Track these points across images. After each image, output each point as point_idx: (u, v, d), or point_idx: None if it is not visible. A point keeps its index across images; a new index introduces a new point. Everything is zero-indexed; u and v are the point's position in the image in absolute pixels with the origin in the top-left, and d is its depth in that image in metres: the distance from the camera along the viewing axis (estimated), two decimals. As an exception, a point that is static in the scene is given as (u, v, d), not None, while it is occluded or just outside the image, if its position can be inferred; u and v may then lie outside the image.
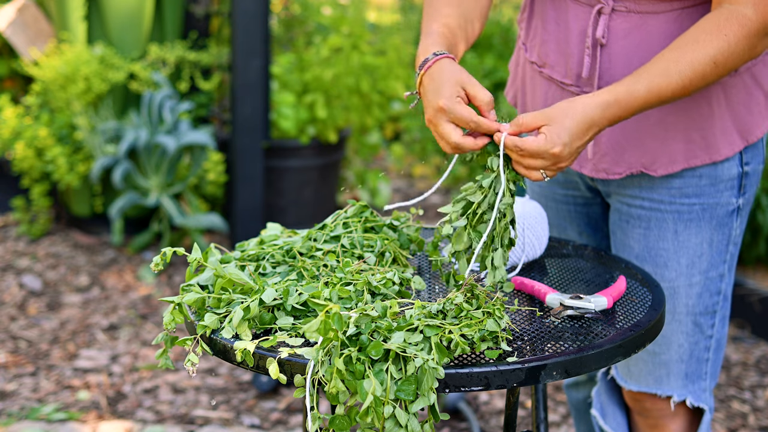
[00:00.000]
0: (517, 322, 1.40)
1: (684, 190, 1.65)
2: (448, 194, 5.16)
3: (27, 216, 4.29)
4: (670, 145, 1.62)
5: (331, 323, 1.20)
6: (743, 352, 3.24)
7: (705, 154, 1.62)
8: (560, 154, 1.40)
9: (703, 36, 1.44)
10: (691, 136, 1.61)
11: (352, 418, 1.21)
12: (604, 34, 1.58)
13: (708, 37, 1.43)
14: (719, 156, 1.62)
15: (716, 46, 1.43)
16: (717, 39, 1.43)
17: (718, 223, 1.67)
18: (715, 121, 1.61)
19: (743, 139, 1.63)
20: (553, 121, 1.40)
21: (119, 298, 3.66)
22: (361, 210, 1.63)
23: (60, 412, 2.81)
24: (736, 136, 1.62)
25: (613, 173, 1.67)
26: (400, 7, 7.00)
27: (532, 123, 1.41)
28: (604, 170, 1.67)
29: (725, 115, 1.61)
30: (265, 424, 2.78)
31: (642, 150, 1.63)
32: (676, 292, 1.70)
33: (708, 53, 1.43)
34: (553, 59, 1.67)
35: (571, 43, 1.63)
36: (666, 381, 1.75)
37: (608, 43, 1.58)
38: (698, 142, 1.61)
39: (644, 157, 1.63)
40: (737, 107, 1.61)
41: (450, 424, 2.79)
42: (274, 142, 4.05)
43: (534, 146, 1.39)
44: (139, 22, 4.12)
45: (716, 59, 1.43)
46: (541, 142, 1.39)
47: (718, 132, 1.61)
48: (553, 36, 1.67)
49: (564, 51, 1.64)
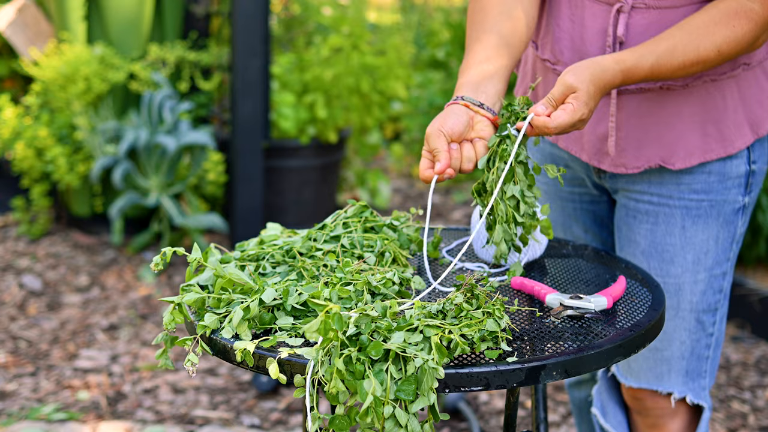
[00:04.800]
0: (517, 322, 1.40)
1: (693, 186, 1.66)
2: (448, 194, 5.16)
3: (27, 216, 4.29)
4: (687, 138, 1.63)
5: (331, 323, 1.20)
6: (743, 352, 3.24)
7: (720, 147, 1.64)
8: (586, 119, 1.46)
9: (712, 25, 1.49)
10: (707, 128, 1.63)
11: (352, 418, 1.21)
12: (624, 32, 1.59)
13: (717, 27, 1.49)
14: (733, 149, 1.64)
15: (723, 36, 1.49)
16: (726, 29, 1.49)
17: (724, 221, 1.68)
18: (729, 114, 1.63)
19: (754, 132, 1.65)
20: (578, 89, 1.45)
21: (119, 298, 3.66)
22: (361, 210, 1.64)
23: (60, 412, 2.81)
24: (747, 129, 1.65)
25: (633, 167, 1.68)
26: (400, 7, 7.00)
27: (561, 97, 1.46)
28: (623, 165, 1.68)
29: (738, 108, 1.63)
30: (265, 424, 2.78)
31: (660, 144, 1.64)
32: (681, 289, 1.70)
33: (715, 42, 1.49)
34: (567, 57, 1.67)
35: (587, 41, 1.63)
36: (667, 378, 1.75)
37: (627, 40, 1.59)
38: (714, 135, 1.63)
39: (663, 150, 1.65)
40: (749, 101, 1.64)
41: (450, 424, 2.79)
42: (274, 142, 4.05)
43: (565, 120, 1.44)
44: (139, 22, 4.12)
45: (721, 48, 1.49)
46: (568, 115, 1.44)
47: (732, 125, 1.64)
48: (567, 33, 1.67)
49: (579, 49, 1.65)
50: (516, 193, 1.48)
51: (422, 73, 5.52)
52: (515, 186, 1.49)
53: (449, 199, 5.08)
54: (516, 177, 1.48)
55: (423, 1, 7.04)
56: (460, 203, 4.99)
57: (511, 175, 1.48)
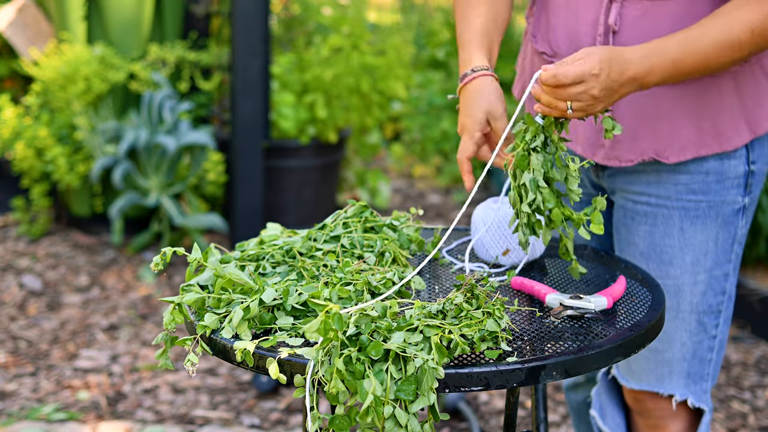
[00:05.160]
0: (517, 322, 1.40)
1: (691, 187, 1.66)
2: (448, 194, 5.16)
3: (27, 216, 4.29)
4: (681, 132, 1.63)
5: (331, 323, 1.20)
6: (743, 352, 3.24)
7: (715, 142, 1.63)
8: (599, 76, 1.41)
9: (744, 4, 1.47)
10: (702, 124, 1.63)
11: (352, 418, 1.21)
12: (616, 21, 1.59)
13: (749, 7, 1.47)
14: (729, 145, 1.63)
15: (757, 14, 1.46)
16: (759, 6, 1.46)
17: (723, 222, 1.68)
18: (724, 110, 1.62)
19: (751, 131, 1.64)
20: (592, 52, 1.43)
21: (119, 298, 3.66)
22: (361, 210, 1.64)
23: (60, 412, 2.81)
24: (744, 127, 1.64)
25: (626, 160, 1.67)
26: (400, 7, 7.00)
27: (573, 59, 1.43)
28: (617, 157, 1.68)
29: (735, 105, 1.63)
30: (265, 424, 2.78)
31: (654, 137, 1.64)
32: (681, 290, 1.70)
33: (747, 20, 1.46)
34: (564, 48, 1.67)
35: (581, 31, 1.64)
36: (668, 380, 1.75)
37: (620, 29, 1.59)
38: (708, 131, 1.63)
39: (657, 143, 1.64)
40: (746, 98, 1.63)
41: (450, 424, 2.79)
42: (274, 142, 4.05)
43: (574, 71, 1.41)
44: (139, 22, 4.12)
45: (755, 28, 1.46)
46: (578, 67, 1.41)
47: (728, 121, 1.63)
48: (562, 22, 1.67)
49: (573, 39, 1.65)
50: (527, 181, 1.46)
51: (422, 73, 5.52)
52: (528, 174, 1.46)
53: (449, 199, 5.08)
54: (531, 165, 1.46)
55: (423, 1, 7.04)
56: (460, 203, 4.99)
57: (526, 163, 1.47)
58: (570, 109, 1.42)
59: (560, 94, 1.42)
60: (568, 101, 1.42)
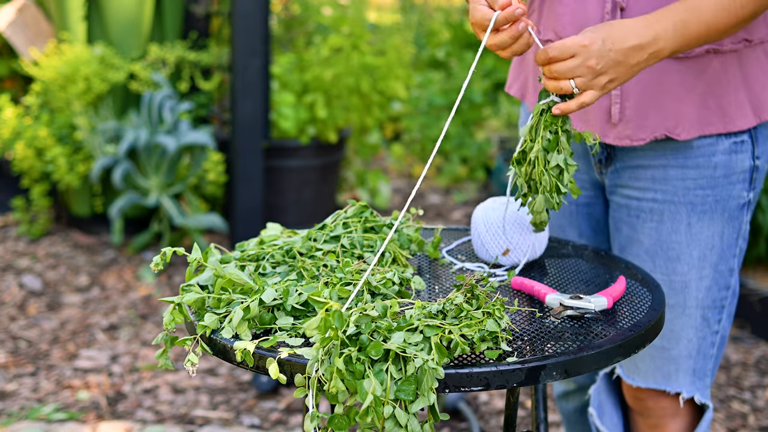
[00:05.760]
0: (517, 322, 1.40)
1: (698, 182, 1.66)
2: (448, 194, 5.16)
3: (27, 216, 4.29)
4: (686, 109, 1.63)
5: (331, 321, 1.20)
6: (743, 352, 3.24)
7: (720, 122, 1.63)
8: (589, 46, 1.40)
9: None
10: (707, 102, 1.62)
11: (351, 418, 1.21)
12: None
13: None
14: (734, 126, 1.63)
15: None
16: None
17: (729, 216, 1.68)
18: (730, 90, 1.62)
19: (756, 114, 1.64)
20: (588, 30, 1.43)
21: (119, 298, 3.66)
22: (361, 210, 1.64)
23: (60, 412, 2.81)
24: (749, 109, 1.64)
25: (638, 139, 1.66)
26: (400, 7, 7.00)
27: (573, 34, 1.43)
28: (628, 137, 1.67)
29: (740, 87, 1.63)
30: (265, 424, 2.78)
31: (664, 113, 1.63)
32: (687, 286, 1.70)
33: None
34: (569, 32, 1.66)
35: (588, 11, 1.63)
36: (675, 377, 1.75)
37: (627, 6, 1.59)
38: (714, 109, 1.63)
39: (667, 120, 1.64)
40: (752, 82, 1.63)
41: (450, 424, 2.79)
42: (274, 142, 4.05)
43: (561, 42, 1.40)
44: (139, 22, 4.12)
45: None
46: (567, 39, 1.40)
47: (733, 102, 1.63)
48: (569, 8, 1.67)
49: (580, 22, 1.64)
50: (560, 162, 1.48)
51: (422, 73, 5.52)
52: (559, 155, 1.48)
53: (449, 199, 5.08)
54: (560, 146, 1.48)
55: (423, 1, 7.04)
56: (460, 203, 4.99)
57: (555, 144, 1.48)
58: (575, 88, 1.42)
59: (557, 70, 1.42)
60: (569, 78, 1.42)
